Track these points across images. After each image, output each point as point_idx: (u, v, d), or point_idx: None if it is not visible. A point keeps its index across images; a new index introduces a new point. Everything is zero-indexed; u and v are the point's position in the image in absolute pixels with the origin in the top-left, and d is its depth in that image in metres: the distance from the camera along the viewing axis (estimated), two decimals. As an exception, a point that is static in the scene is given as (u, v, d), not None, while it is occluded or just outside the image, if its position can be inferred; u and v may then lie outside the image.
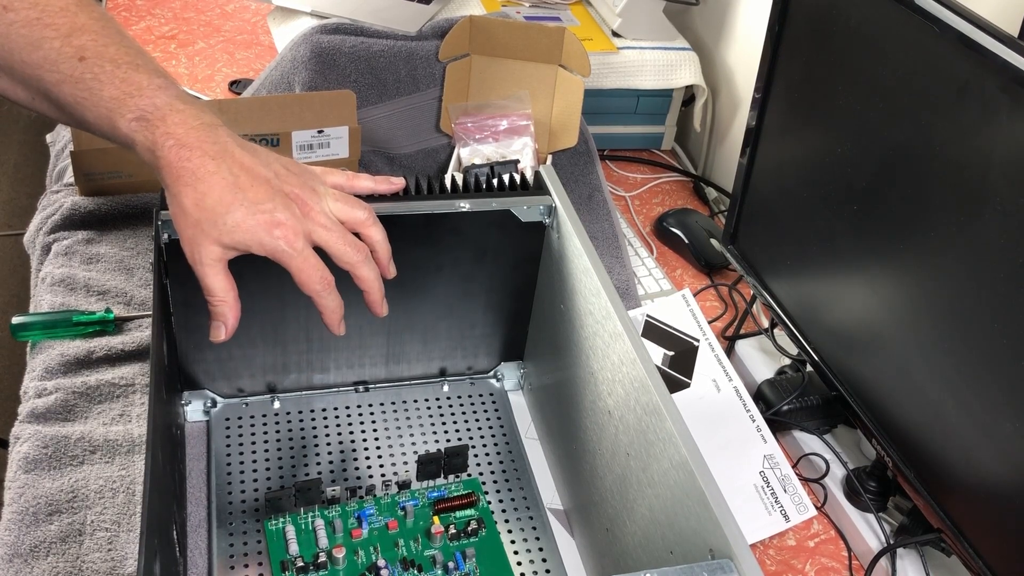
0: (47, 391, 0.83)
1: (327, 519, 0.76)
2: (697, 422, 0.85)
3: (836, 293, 0.85)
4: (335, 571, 0.73)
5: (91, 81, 0.63)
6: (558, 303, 0.80)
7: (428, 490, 0.80)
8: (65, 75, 0.63)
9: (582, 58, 1.14)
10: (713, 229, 1.17)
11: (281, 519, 0.76)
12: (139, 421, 0.82)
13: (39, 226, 1.01)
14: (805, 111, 0.86)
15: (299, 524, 0.75)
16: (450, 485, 0.81)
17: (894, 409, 0.78)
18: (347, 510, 0.77)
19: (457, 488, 0.80)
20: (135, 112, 0.62)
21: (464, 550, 0.74)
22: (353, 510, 0.77)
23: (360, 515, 0.76)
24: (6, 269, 2.24)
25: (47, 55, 0.63)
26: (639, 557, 0.67)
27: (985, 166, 0.64)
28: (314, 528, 0.75)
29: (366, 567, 0.73)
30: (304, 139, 1.03)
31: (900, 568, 0.80)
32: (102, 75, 0.63)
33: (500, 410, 0.89)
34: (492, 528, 0.78)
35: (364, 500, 0.78)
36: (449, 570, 0.73)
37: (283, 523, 0.75)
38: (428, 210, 0.78)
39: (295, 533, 0.74)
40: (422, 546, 0.75)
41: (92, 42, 0.64)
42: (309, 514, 0.76)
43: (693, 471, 0.58)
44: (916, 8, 0.68)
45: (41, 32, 0.63)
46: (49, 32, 0.63)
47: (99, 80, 0.63)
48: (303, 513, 0.76)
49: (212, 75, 1.31)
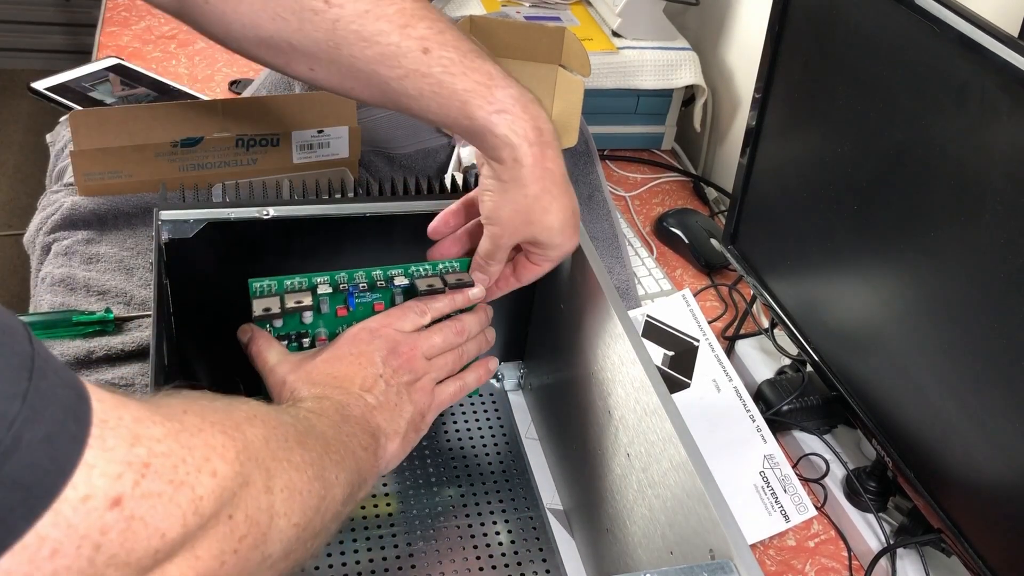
0: (47, 391, 0.83)
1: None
2: (697, 422, 0.85)
3: (836, 293, 0.85)
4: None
5: (440, 74, 0.61)
6: (558, 303, 0.80)
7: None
8: (409, 69, 0.61)
9: (582, 58, 1.14)
10: (713, 229, 1.17)
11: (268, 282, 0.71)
12: (139, 421, 0.82)
13: (39, 226, 1.00)
14: (805, 111, 0.86)
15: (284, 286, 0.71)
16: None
17: (894, 409, 0.78)
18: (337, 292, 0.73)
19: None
20: (495, 104, 0.62)
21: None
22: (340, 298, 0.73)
23: (348, 298, 0.73)
24: (6, 269, 2.24)
25: (385, 51, 0.61)
26: (639, 557, 0.67)
27: (985, 166, 0.64)
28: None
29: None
30: (304, 139, 1.03)
31: (900, 568, 0.80)
32: (451, 67, 0.61)
33: (500, 410, 0.89)
34: None
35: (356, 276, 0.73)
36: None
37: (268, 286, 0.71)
38: (428, 210, 0.78)
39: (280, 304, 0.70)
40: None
41: (429, 30, 0.61)
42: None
43: (693, 471, 0.58)
44: (916, 8, 0.68)
45: (374, 25, 0.60)
46: (383, 25, 0.61)
47: (449, 72, 0.61)
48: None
49: (212, 75, 1.31)
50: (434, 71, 0.61)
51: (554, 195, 0.65)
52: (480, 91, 0.62)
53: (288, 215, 0.76)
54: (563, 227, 0.67)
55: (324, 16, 0.60)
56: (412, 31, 0.61)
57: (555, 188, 0.65)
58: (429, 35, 0.61)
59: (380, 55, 0.61)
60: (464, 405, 0.89)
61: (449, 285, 0.72)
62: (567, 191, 0.67)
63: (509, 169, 0.64)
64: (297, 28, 0.61)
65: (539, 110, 0.64)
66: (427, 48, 0.61)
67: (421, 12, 0.62)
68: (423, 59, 0.61)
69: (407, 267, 0.74)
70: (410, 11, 0.61)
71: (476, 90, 0.62)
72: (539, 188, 0.65)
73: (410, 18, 0.61)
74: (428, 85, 0.62)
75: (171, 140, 0.99)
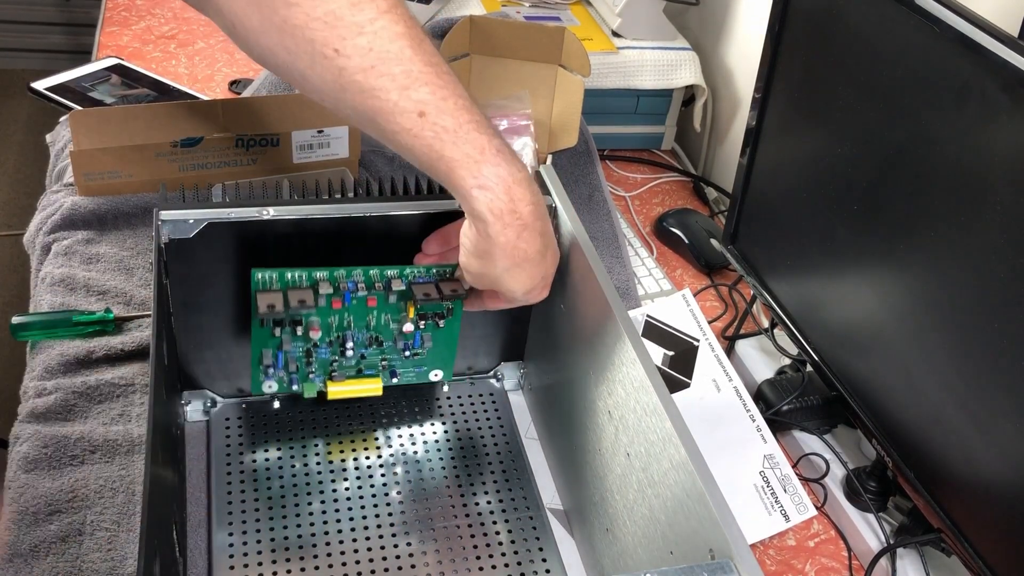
0: (47, 391, 0.83)
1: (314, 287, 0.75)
2: (697, 422, 0.86)
3: (836, 293, 0.85)
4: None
5: (431, 139, 0.63)
6: (558, 303, 0.80)
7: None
8: (402, 127, 0.63)
9: (582, 58, 1.14)
10: (713, 229, 1.17)
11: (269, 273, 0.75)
12: (139, 421, 0.82)
13: (39, 226, 1.00)
14: (805, 111, 0.86)
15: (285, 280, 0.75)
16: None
17: (894, 409, 0.78)
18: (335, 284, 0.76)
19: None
20: (479, 179, 0.64)
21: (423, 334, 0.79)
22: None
23: (344, 294, 0.76)
24: (6, 269, 2.24)
25: (383, 106, 0.63)
26: (639, 557, 0.67)
27: (985, 166, 0.64)
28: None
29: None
30: (304, 139, 1.03)
31: (900, 568, 0.80)
32: (443, 135, 0.63)
33: (500, 410, 0.89)
34: (458, 311, 0.80)
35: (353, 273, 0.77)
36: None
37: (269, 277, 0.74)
38: (428, 210, 0.78)
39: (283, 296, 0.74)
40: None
41: (431, 96, 0.63)
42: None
43: (693, 471, 0.58)
44: (916, 8, 0.68)
45: (376, 82, 0.62)
46: (385, 82, 0.62)
47: (440, 139, 0.63)
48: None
49: (212, 75, 1.31)
50: (426, 134, 0.63)
51: (523, 269, 0.68)
52: (467, 163, 0.64)
53: (288, 215, 0.76)
54: (528, 291, 0.70)
55: (333, 62, 0.63)
56: (412, 93, 0.63)
57: (526, 263, 0.68)
58: (429, 100, 0.63)
59: (378, 108, 0.63)
60: (464, 405, 0.89)
61: (444, 296, 0.76)
62: (540, 263, 0.69)
63: (483, 240, 0.67)
64: (308, 66, 0.64)
65: (524, 192, 0.65)
66: (423, 112, 0.63)
67: (428, 78, 0.63)
68: (418, 121, 0.63)
69: (403, 269, 0.77)
70: (416, 74, 0.63)
71: (463, 161, 0.64)
72: (509, 263, 0.67)
73: (414, 81, 0.63)
74: (419, 144, 0.64)
75: (171, 140, 0.99)
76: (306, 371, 0.80)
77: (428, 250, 0.79)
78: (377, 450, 0.84)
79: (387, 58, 0.62)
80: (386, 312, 0.79)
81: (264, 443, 0.83)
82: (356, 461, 0.82)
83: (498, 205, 0.64)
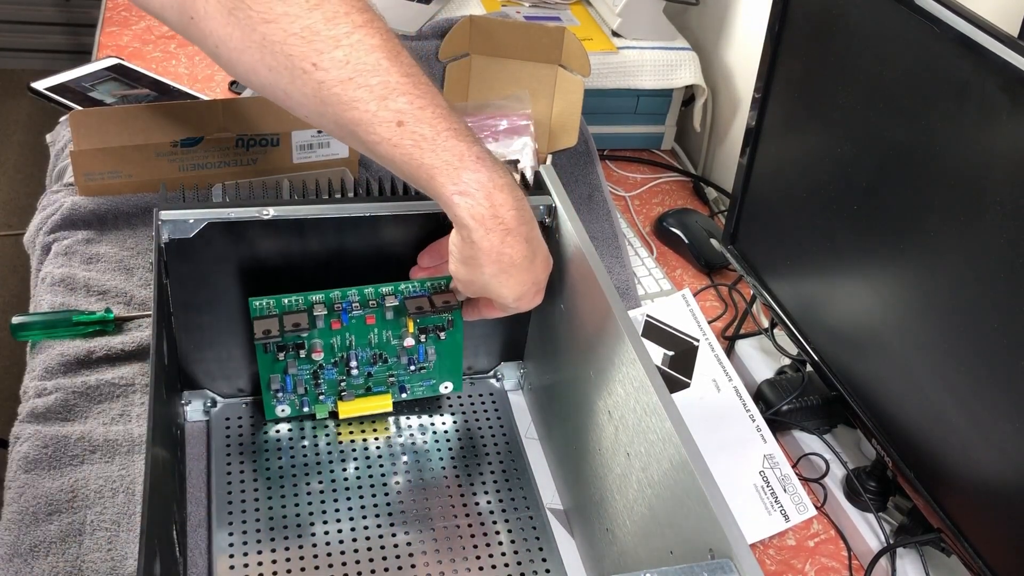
0: (47, 391, 0.83)
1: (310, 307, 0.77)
2: (697, 422, 0.85)
3: (836, 293, 0.85)
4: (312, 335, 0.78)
5: (411, 147, 0.64)
6: (558, 303, 0.80)
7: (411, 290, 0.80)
8: (382, 137, 0.64)
9: (582, 58, 1.14)
10: (713, 229, 1.17)
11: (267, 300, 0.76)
12: (139, 421, 0.82)
13: (39, 226, 1.00)
14: (805, 111, 0.86)
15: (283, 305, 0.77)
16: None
17: (894, 409, 0.78)
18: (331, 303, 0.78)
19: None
20: (459, 185, 0.65)
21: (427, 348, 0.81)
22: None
23: (342, 313, 0.78)
24: (6, 269, 2.24)
25: (362, 117, 0.64)
26: (639, 557, 0.67)
27: (985, 166, 0.64)
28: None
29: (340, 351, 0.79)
30: (304, 139, 1.03)
31: (900, 568, 0.80)
32: (422, 143, 0.64)
33: (500, 410, 0.89)
34: (458, 322, 0.82)
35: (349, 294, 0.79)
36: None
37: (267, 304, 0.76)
38: (428, 210, 0.78)
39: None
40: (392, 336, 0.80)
41: (408, 105, 0.64)
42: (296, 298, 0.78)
43: (693, 471, 0.58)
44: (916, 8, 0.68)
45: (354, 93, 0.63)
46: (363, 94, 0.63)
47: (419, 147, 0.64)
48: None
49: (212, 75, 1.31)
50: (405, 143, 0.64)
51: (511, 274, 0.69)
52: (447, 170, 0.65)
53: (288, 215, 0.76)
54: (519, 298, 0.71)
55: (312, 76, 0.64)
56: (391, 103, 0.64)
57: (512, 269, 0.68)
58: (407, 110, 0.64)
59: (358, 120, 0.64)
60: (464, 405, 0.89)
61: (437, 308, 0.77)
62: (528, 268, 0.69)
63: (468, 246, 0.67)
64: (289, 81, 0.65)
65: (506, 197, 0.66)
66: (402, 122, 0.64)
67: (405, 88, 0.64)
68: (396, 131, 0.64)
69: (397, 285, 0.79)
70: (394, 85, 0.64)
71: (443, 168, 0.65)
72: (495, 269, 0.68)
73: (391, 92, 0.64)
74: (399, 154, 0.65)
75: (171, 140, 0.99)
76: (316, 392, 0.82)
77: (422, 263, 0.80)
78: (377, 450, 0.84)
79: (364, 70, 0.63)
80: (386, 328, 0.80)
81: (264, 443, 0.83)
82: (356, 461, 0.82)
83: (479, 211, 0.65)
